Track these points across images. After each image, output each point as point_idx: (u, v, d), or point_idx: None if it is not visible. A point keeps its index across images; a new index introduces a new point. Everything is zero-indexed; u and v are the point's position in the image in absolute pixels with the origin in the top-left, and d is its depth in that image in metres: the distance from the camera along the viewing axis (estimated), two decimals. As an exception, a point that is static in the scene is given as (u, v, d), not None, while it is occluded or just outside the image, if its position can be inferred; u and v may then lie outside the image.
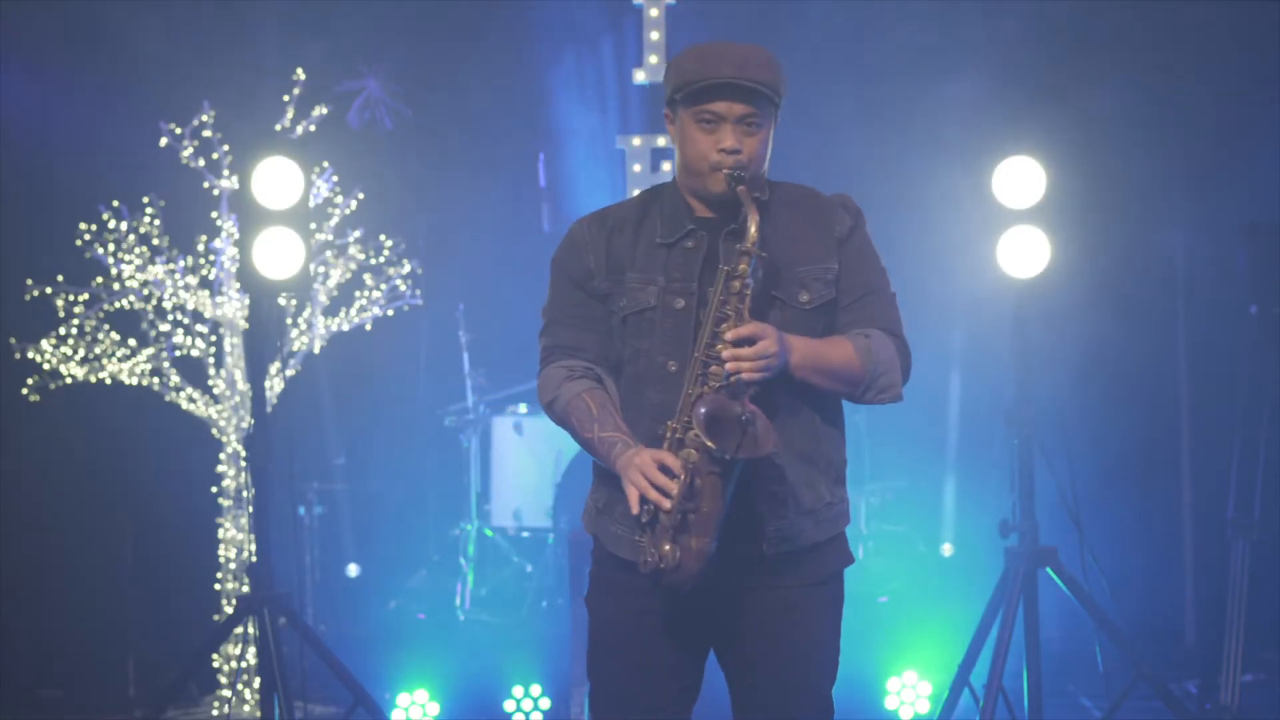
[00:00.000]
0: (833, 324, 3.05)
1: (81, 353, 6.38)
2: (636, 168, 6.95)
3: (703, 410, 2.79)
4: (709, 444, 2.76)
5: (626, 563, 2.99)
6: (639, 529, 2.87)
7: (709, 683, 3.15)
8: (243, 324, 6.38)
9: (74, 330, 6.38)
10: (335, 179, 6.72)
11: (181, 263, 6.44)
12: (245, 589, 5.82)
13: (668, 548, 2.81)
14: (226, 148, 6.40)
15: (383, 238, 6.97)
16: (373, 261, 6.93)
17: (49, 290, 6.39)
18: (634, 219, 3.09)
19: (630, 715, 3.03)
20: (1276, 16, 6.85)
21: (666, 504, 2.79)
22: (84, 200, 6.46)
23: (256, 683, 6.09)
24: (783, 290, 3.00)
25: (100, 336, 6.40)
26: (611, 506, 3.05)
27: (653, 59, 7.23)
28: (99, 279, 6.42)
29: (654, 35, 7.01)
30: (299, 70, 6.61)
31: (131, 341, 6.46)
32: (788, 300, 3.00)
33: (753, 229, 2.89)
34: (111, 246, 6.39)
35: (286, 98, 6.55)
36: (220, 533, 6.47)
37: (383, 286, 6.93)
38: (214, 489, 6.53)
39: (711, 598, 2.99)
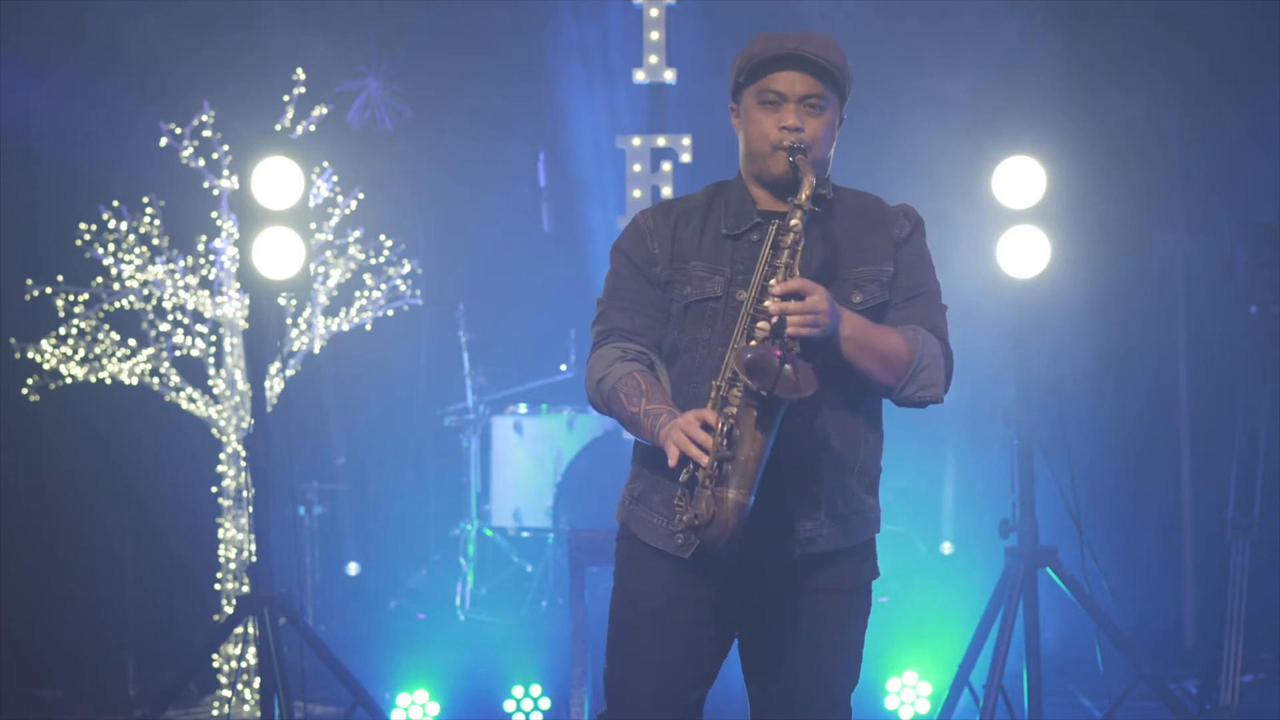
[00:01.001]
0: (883, 324, 3.03)
1: (81, 353, 6.38)
2: (636, 168, 6.95)
3: (746, 355, 2.73)
4: (748, 381, 2.70)
5: (656, 552, 2.98)
6: (678, 499, 2.80)
7: (722, 678, 3.15)
8: (243, 324, 6.38)
9: (74, 330, 6.38)
10: (335, 179, 6.72)
11: (181, 263, 6.44)
12: (245, 589, 5.82)
13: (707, 502, 2.74)
14: (226, 148, 6.40)
15: (383, 238, 6.97)
16: (373, 261, 6.93)
17: (49, 290, 6.39)
18: (700, 210, 3.07)
19: (642, 700, 3.00)
20: (1277, 16, 6.85)
21: (705, 458, 2.73)
22: (84, 200, 6.46)
23: (256, 683, 6.09)
24: (835, 289, 2.96)
25: (100, 336, 6.40)
26: (648, 495, 3.02)
27: (653, 59, 7.22)
28: (99, 279, 6.42)
29: (654, 35, 7.00)
30: (299, 70, 6.61)
31: (131, 341, 6.46)
32: (840, 299, 2.96)
33: (805, 190, 2.86)
34: (111, 246, 6.39)
35: (286, 98, 6.55)
36: (220, 533, 6.47)
37: (383, 286, 6.93)
38: (214, 489, 6.53)
39: (737, 594, 2.99)
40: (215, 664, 6.37)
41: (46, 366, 6.37)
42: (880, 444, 3.11)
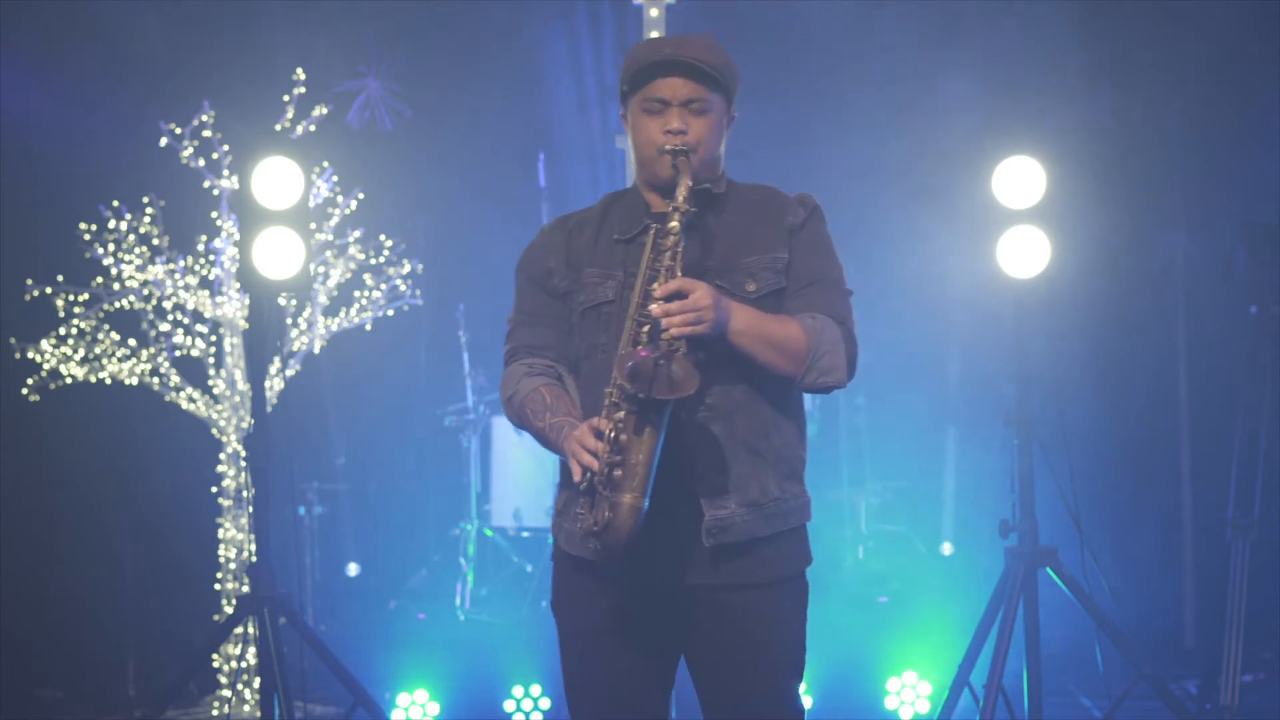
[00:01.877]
0: (780, 313, 3.03)
1: (81, 353, 6.38)
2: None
3: (628, 361, 2.77)
4: (626, 385, 2.74)
5: (583, 563, 2.99)
6: (580, 507, 2.86)
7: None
8: (243, 324, 6.39)
9: (74, 330, 6.38)
10: (335, 179, 6.72)
11: (181, 263, 6.44)
12: (245, 589, 5.82)
13: (603, 508, 2.79)
14: (226, 148, 6.40)
15: (383, 238, 6.97)
16: (373, 261, 6.93)
17: (49, 290, 6.39)
18: (595, 219, 3.13)
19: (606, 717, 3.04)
20: (1277, 16, 6.85)
21: (596, 465, 2.77)
22: (84, 200, 6.46)
23: (256, 683, 6.09)
24: (728, 280, 3.00)
25: (100, 336, 6.40)
26: (569, 506, 3.05)
27: (653, 59, 7.20)
28: (99, 279, 6.42)
29: (654, 35, 7.00)
30: (299, 70, 6.61)
31: (131, 341, 6.46)
32: (733, 290, 2.99)
33: (681, 192, 2.90)
34: (111, 246, 6.39)
35: (286, 98, 6.55)
36: (220, 533, 6.47)
37: (383, 286, 6.93)
38: (214, 489, 6.53)
39: (665, 598, 2.99)
40: (215, 664, 6.37)
41: (46, 366, 6.37)
42: (797, 431, 3.08)
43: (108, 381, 6.43)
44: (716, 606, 2.99)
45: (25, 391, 6.41)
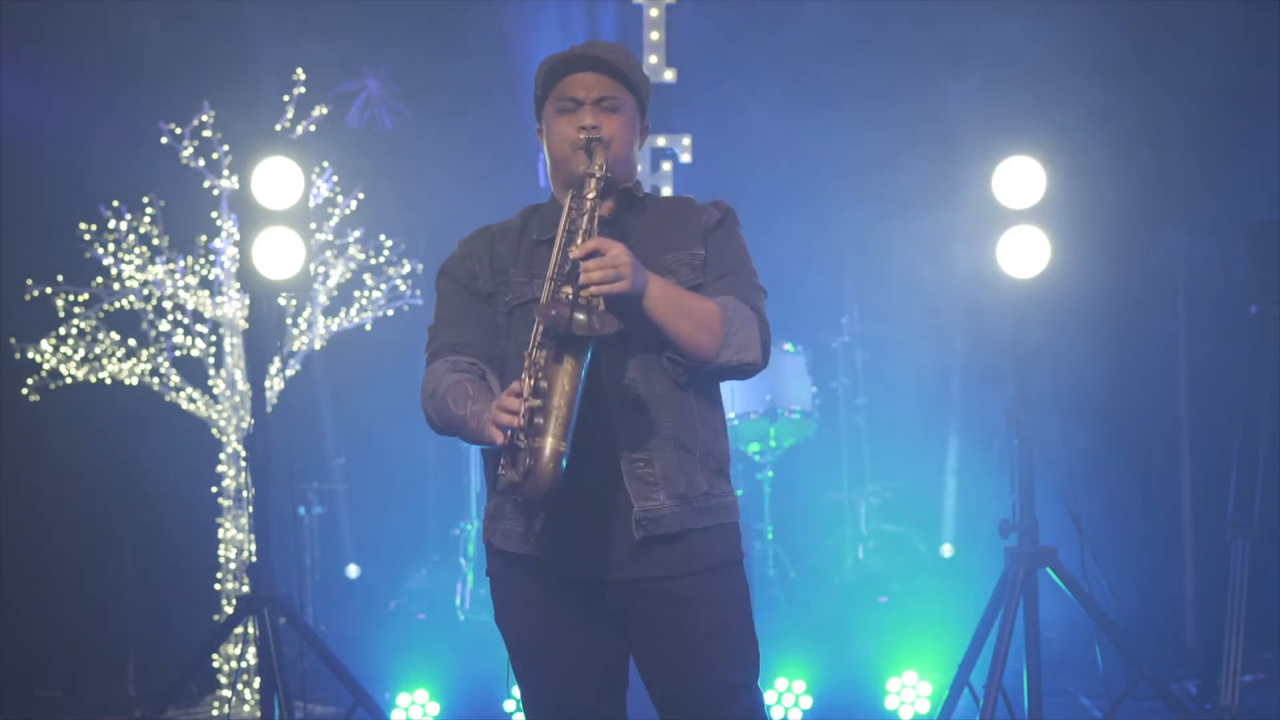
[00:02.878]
0: None
1: (81, 353, 6.38)
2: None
3: (551, 309, 2.76)
4: (544, 322, 2.75)
5: (518, 559, 3.00)
6: (502, 467, 2.82)
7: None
8: (243, 324, 6.39)
9: (74, 330, 6.38)
10: (335, 179, 6.72)
11: (181, 263, 6.44)
12: (245, 589, 5.82)
13: (523, 458, 2.76)
14: (226, 148, 6.40)
15: (383, 238, 6.97)
16: (373, 261, 6.93)
17: (49, 290, 6.39)
18: (516, 228, 3.17)
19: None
20: (1277, 16, 6.85)
21: (517, 420, 2.75)
22: (84, 200, 6.47)
23: (256, 683, 6.09)
24: None
25: (100, 336, 6.40)
26: (500, 508, 3.05)
27: (653, 59, 7.23)
28: (99, 279, 6.42)
29: (654, 35, 7.01)
30: (299, 70, 6.61)
31: (131, 341, 6.46)
32: None
33: (599, 160, 2.94)
34: (111, 246, 6.39)
35: (286, 98, 6.55)
36: (220, 533, 6.47)
37: (383, 286, 6.93)
38: (214, 489, 6.53)
39: (599, 592, 2.98)
40: (215, 664, 6.37)
41: (46, 366, 6.37)
42: (721, 426, 3.09)
43: (108, 381, 6.43)
44: (651, 598, 2.97)
45: (25, 391, 6.41)
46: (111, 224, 6.39)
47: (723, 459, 3.08)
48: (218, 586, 6.48)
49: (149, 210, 6.44)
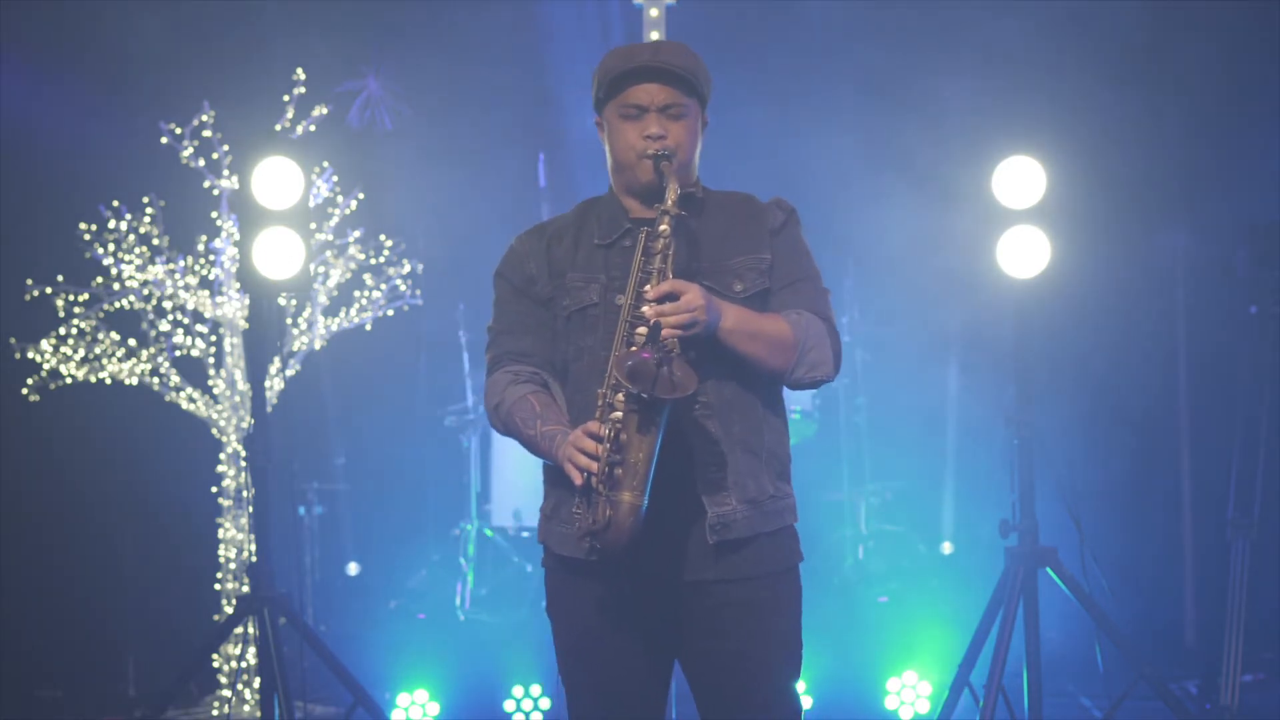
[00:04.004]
0: (766, 311, 3.07)
1: (81, 353, 6.38)
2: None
3: (626, 362, 2.79)
4: (628, 385, 2.77)
5: (577, 564, 2.99)
6: (576, 508, 2.87)
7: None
8: (243, 324, 6.39)
9: (74, 330, 6.38)
10: (335, 179, 6.72)
11: (181, 263, 6.44)
12: (245, 589, 5.82)
13: (603, 507, 2.80)
14: (226, 148, 6.40)
15: (383, 238, 6.97)
16: (373, 261, 6.93)
17: (49, 290, 6.39)
18: (573, 227, 3.15)
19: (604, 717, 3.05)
20: (1275, 16, 6.85)
21: (595, 466, 2.80)
22: (84, 200, 6.46)
23: (256, 683, 6.09)
24: (716, 280, 3.04)
25: (100, 336, 6.40)
26: (559, 509, 3.05)
27: (653, 59, 7.19)
28: (99, 279, 6.42)
29: (654, 35, 7.00)
30: (299, 70, 6.61)
31: (131, 341, 6.46)
32: (722, 290, 3.03)
33: (670, 196, 2.93)
34: (111, 246, 6.39)
35: (286, 98, 6.55)
36: (220, 533, 6.47)
37: (383, 286, 6.93)
38: (214, 489, 6.53)
39: (662, 593, 3.00)
40: (215, 664, 6.37)
41: (46, 366, 6.37)
42: (785, 429, 3.12)
43: (108, 381, 6.43)
44: (716, 598, 3.00)
45: (25, 391, 6.41)
46: (111, 224, 6.39)
47: (786, 461, 3.11)
48: (218, 586, 6.48)
49: (149, 210, 6.44)
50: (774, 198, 3.18)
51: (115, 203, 6.41)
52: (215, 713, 6.29)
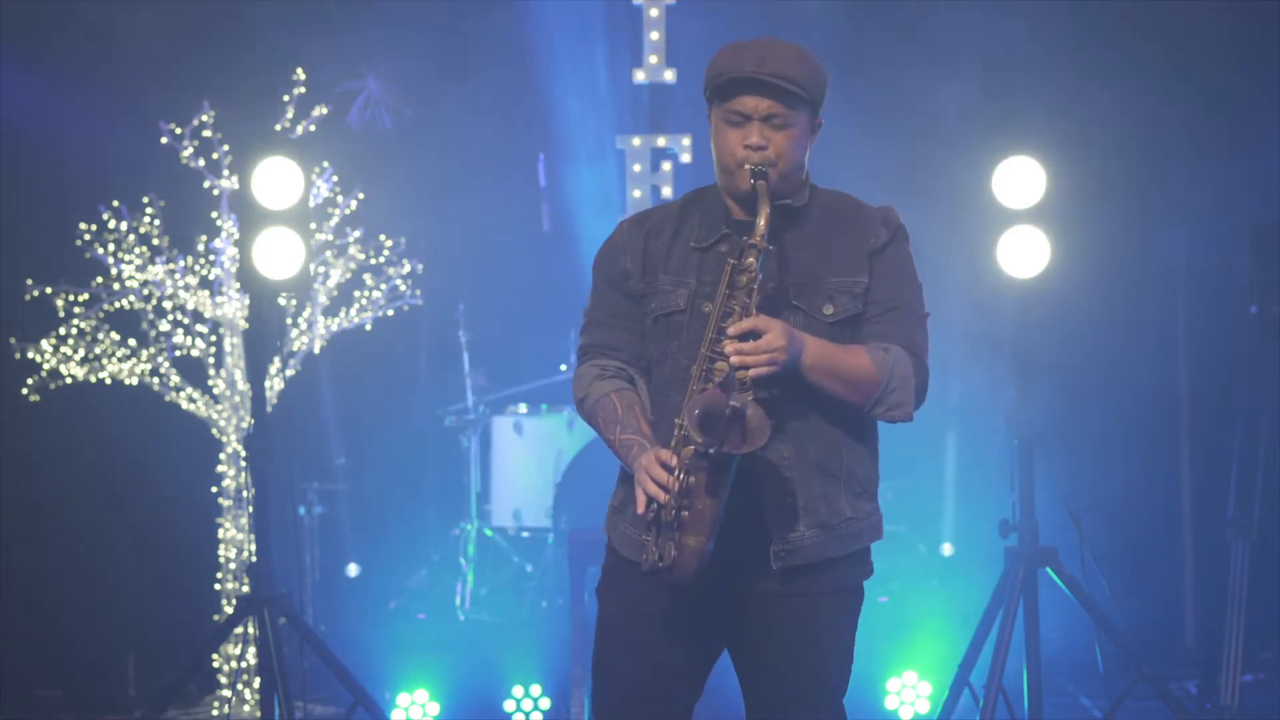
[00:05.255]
0: (856, 337, 3.00)
1: (81, 353, 6.38)
2: (636, 168, 6.94)
3: (696, 409, 2.77)
4: (696, 438, 2.74)
5: (633, 562, 2.98)
6: (645, 529, 2.87)
7: (714, 680, 3.14)
8: (243, 324, 6.38)
9: (74, 330, 6.38)
10: (335, 179, 6.72)
11: (181, 263, 6.44)
12: (245, 589, 5.82)
13: (669, 547, 2.81)
14: (226, 148, 6.40)
15: (383, 238, 6.97)
16: (373, 261, 6.93)
17: (49, 290, 6.39)
18: (674, 221, 3.09)
19: (632, 712, 3.01)
20: (1276, 16, 6.85)
21: (663, 497, 2.79)
22: (84, 200, 6.46)
23: (256, 683, 6.09)
24: (806, 301, 2.97)
25: (100, 336, 6.40)
26: (625, 506, 3.04)
27: (653, 59, 7.23)
28: (99, 279, 6.42)
29: (654, 35, 7.01)
30: (299, 70, 6.61)
31: (131, 341, 6.46)
32: (810, 311, 2.97)
33: (762, 223, 2.88)
34: (111, 246, 6.39)
35: (286, 98, 6.55)
36: (220, 533, 6.47)
37: (383, 286, 6.93)
38: (214, 489, 6.53)
39: (720, 601, 2.99)
40: (215, 664, 6.37)
41: (46, 366, 6.37)
42: (868, 449, 3.09)
43: (108, 381, 6.43)
44: (776, 609, 2.99)
45: (25, 391, 6.41)
46: (111, 224, 6.39)
47: (869, 481, 3.10)
48: (218, 586, 6.47)
49: (149, 210, 6.44)
50: (883, 208, 3.10)
51: (115, 203, 6.41)
52: (215, 713, 6.29)
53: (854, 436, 3.04)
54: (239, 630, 5.76)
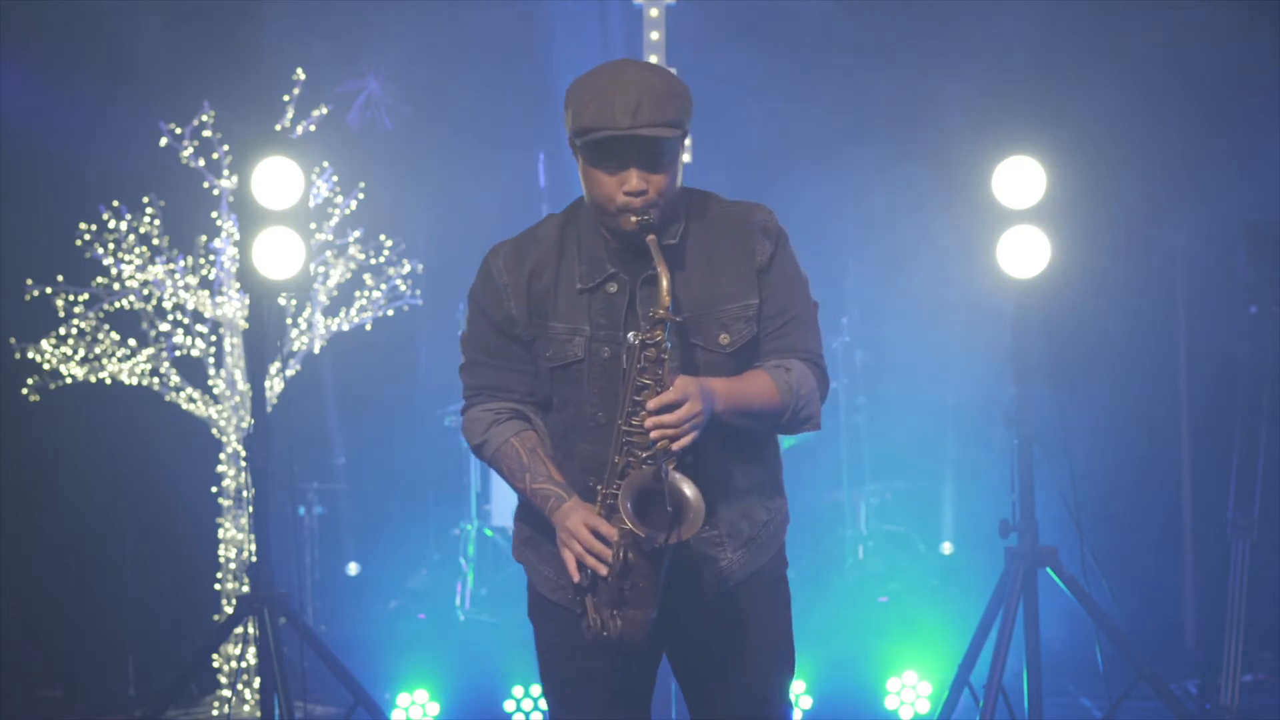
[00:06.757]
0: (754, 357, 2.97)
1: (81, 353, 6.38)
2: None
3: (628, 502, 2.73)
4: (639, 534, 2.72)
5: (558, 605, 2.99)
6: (576, 592, 2.84)
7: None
8: (243, 324, 6.39)
9: (74, 330, 6.38)
10: (335, 179, 6.72)
11: (181, 263, 6.44)
12: (245, 589, 5.82)
13: (614, 621, 2.79)
14: (226, 148, 6.40)
15: (383, 238, 6.97)
16: (373, 261, 6.93)
17: (49, 290, 6.39)
18: (554, 259, 2.96)
19: None
20: (1275, 16, 6.85)
21: (604, 570, 2.76)
22: (84, 200, 6.46)
23: (256, 683, 6.09)
24: (701, 335, 2.92)
25: (100, 336, 6.40)
26: (536, 541, 3.03)
27: (653, 59, 7.22)
28: (99, 279, 6.42)
29: (654, 35, 7.00)
30: (299, 70, 6.61)
31: (131, 341, 6.46)
32: (707, 345, 2.92)
33: (664, 291, 2.78)
34: (111, 246, 6.39)
35: (286, 98, 6.55)
36: (220, 533, 6.47)
37: (383, 286, 6.93)
38: (214, 489, 6.53)
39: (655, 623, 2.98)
40: (215, 664, 6.37)
41: (46, 366, 6.37)
42: (776, 451, 3.07)
43: (108, 381, 6.43)
44: (705, 609, 2.98)
45: (25, 391, 6.41)
46: (111, 224, 6.39)
47: (777, 477, 3.07)
48: (218, 586, 6.48)
49: (149, 210, 6.44)
50: (760, 218, 2.96)
51: (115, 203, 6.41)
52: (215, 713, 6.29)
53: (761, 445, 3.02)
54: (239, 630, 5.76)
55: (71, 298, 6.40)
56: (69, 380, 6.40)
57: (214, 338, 6.54)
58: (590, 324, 2.91)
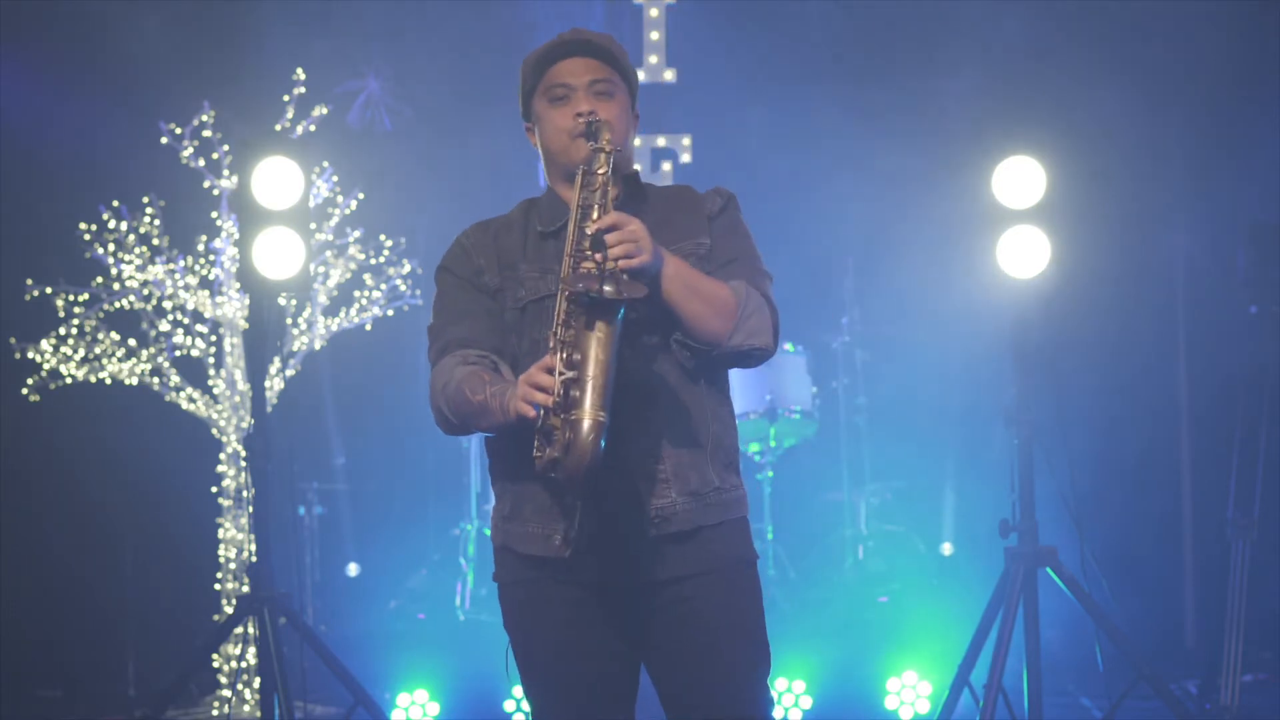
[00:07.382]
0: None
1: (81, 353, 6.38)
2: (636, 168, 6.92)
3: (575, 280, 2.73)
4: (575, 289, 2.70)
5: (539, 562, 2.94)
6: (536, 448, 2.75)
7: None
8: (243, 324, 6.39)
9: (74, 330, 6.38)
10: (335, 179, 6.73)
11: (181, 263, 6.45)
12: (245, 589, 5.82)
13: (562, 432, 2.70)
14: (226, 148, 6.41)
15: (383, 238, 6.97)
16: (373, 261, 6.93)
17: (49, 290, 6.39)
18: (520, 219, 3.11)
19: None
20: (1276, 16, 6.85)
21: (550, 399, 2.69)
22: (84, 200, 6.47)
23: (256, 683, 6.09)
24: None
25: (100, 336, 6.40)
26: (520, 508, 2.98)
27: (653, 59, 7.23)
28: (99, 279, 6.43)
29: (654, 35, 7.02)
30: (299, 70, 6.61)
31: (131, 341, 6.46)
32: None
33: (605, 136, 2.88)
34: (111, 246, 6.39)
35: (286, 98, 6.55)
36: (220, 533, 6.47)
37: (383, 286, 6.93)
38: (214, 489, 6.53)
39: (619, 599, 2.95)
40: (215, 664, 6.38)
41: (46, 366, 6.38)
42: (731, 419, 3.04)
43: (108, 381, 6.43)
44: (670, 597, 2.94)
45: (25, 391, 6.41)
46: (111, 224, 6.39)
47: (733, 452, 3.03)
48: (218, 586, 6.48)
49: (149, 210, 6.45)
50: (713, 186, 3.12)
51: (115, 203, 6.41)
52: (215, 713, 6.29)
53: (717, 402, 3.00)
54: (239, 630, 5.76)
55: (71, 298, 6.40)
56: (69, 380, 6.40)
57: (214, 338, 6.54)
58: (559, 263, 2.93)
